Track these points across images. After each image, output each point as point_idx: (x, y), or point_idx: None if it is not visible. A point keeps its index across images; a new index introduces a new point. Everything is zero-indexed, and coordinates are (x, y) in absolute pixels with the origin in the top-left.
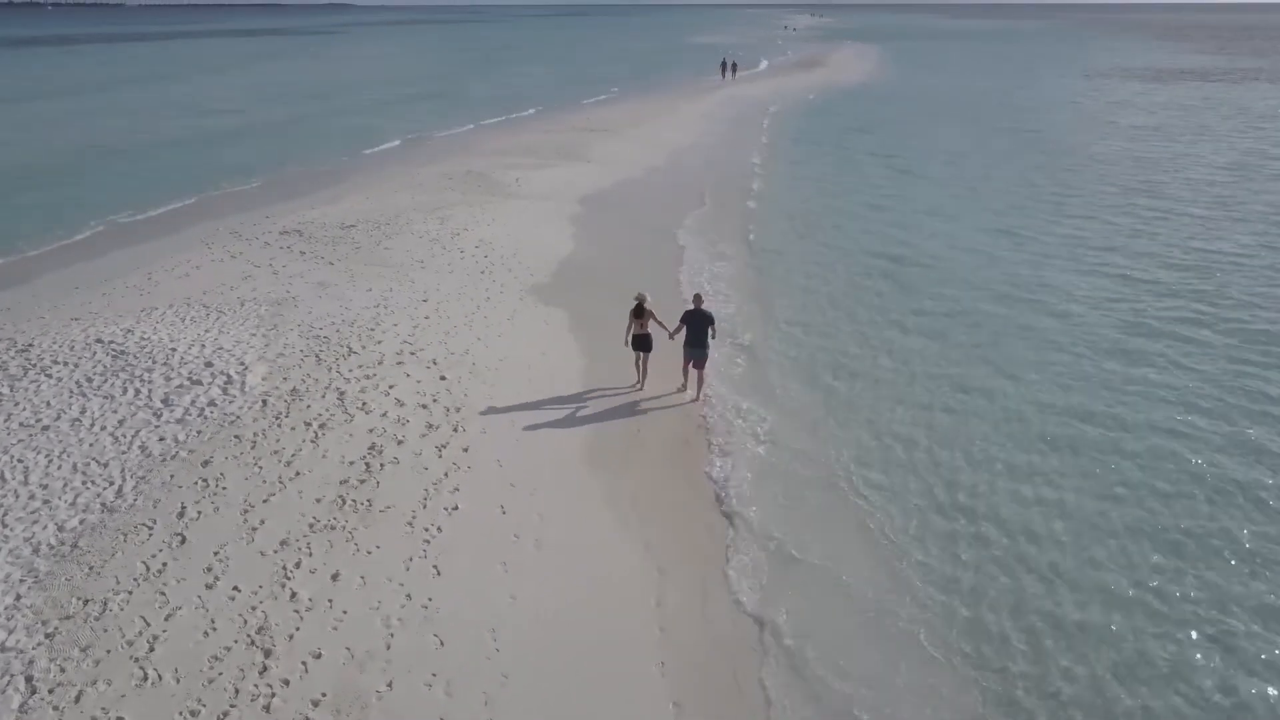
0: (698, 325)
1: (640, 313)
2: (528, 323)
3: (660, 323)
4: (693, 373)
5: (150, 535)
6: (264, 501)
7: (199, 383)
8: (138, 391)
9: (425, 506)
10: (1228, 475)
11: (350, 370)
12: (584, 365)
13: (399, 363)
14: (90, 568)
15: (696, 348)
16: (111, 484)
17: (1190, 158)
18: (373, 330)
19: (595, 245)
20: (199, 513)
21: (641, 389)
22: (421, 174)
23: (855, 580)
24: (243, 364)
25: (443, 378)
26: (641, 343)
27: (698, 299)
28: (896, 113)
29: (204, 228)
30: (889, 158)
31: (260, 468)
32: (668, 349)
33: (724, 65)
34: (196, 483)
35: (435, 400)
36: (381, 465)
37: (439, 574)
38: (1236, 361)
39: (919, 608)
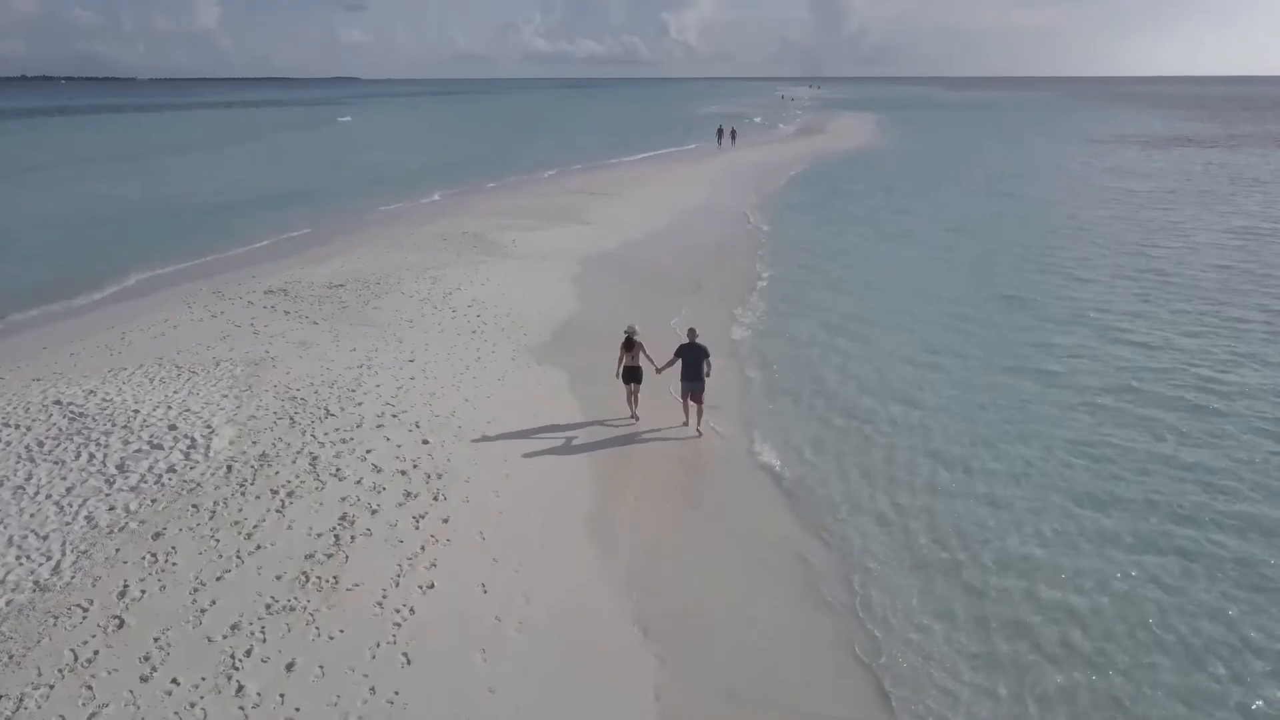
0: (693, 358)
1: (630, 345)
2: (520, 383)
3: (649, 357)
4: (692, 406)
5: (85, 618)
6: (217, 579)
7: (159, 447)
8: (91, 456)
9: (398, 584)
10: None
11: (326, 434)
12: (578, 426)
13: (379, 426)
14: (10, 656)
15: (692, 380)
16: (49, 559)
17: (1193, 221)
18: (353, 391)
19: (592, 305)
20: (143, 592)
21: (636, 420)
22: (416, 235)
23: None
24: (209, 427)
25: (425, 441)
26: (632, 375)
27: (692, 333)
28: (895, 179)
29: (186, 287)
30: (888, 224)
31: (217, 540)
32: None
33: (720, 132)
34: (144, 557)
35: (416, 466)
36: (352, 538)
37: (409, 662)
38: (1251, 448)
39: None
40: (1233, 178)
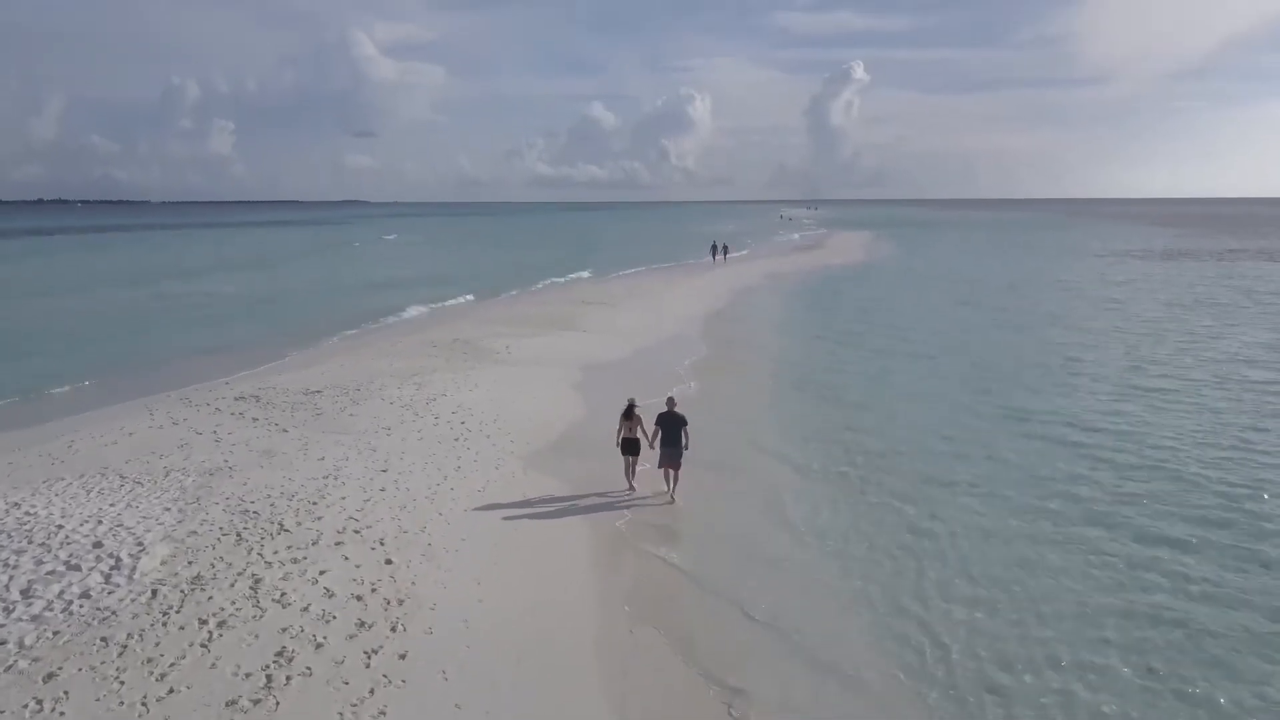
0: (671, 427)
1: (630, 415)
2: (502, 494)
3: (645, 431)
4: (669, 472)
5: None
6: None
7: (76, 568)
8: None
9: None
10: None
11: (275, 552)
12: (564, 536)
13: (338, 543)
14: None
15: (670, 448)
16: None
17: (1207, 331)
18: (315, 504)
19: (590, 413)
20: None
21: (633, 490)
22: (405, 342)
23: None
24: (141, 544)
25: (388, 561)
26: (630, 446)
27: (670, 402)
28: (888, 293)
29: (153, 394)
30: (884, 337)
31: (122, 683)
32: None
33: (714, 248)
34: (27, 705)
35: (374, 590)
36: (288, 679)
37: None
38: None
39: None
40: (1245, 290)
